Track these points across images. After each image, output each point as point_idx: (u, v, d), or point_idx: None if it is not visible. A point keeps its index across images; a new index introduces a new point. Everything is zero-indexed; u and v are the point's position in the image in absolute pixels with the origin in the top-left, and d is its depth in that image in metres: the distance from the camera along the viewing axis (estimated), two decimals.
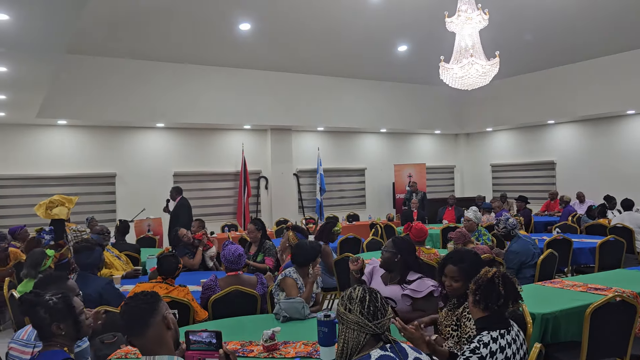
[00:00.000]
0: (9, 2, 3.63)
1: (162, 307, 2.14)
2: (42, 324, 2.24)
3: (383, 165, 13.51)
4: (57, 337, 2.26)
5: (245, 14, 7.40)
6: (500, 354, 2.26)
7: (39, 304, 2.25)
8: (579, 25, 8.44)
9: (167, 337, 2.10)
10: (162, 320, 2.10)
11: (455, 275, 2.89)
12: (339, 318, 2.01)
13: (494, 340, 2.29)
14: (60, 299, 2.30)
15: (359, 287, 2.03)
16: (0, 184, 9.36)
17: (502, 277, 2.42)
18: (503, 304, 2.36)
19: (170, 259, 3.95)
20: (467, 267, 2.86)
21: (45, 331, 2.25)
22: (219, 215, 11.25)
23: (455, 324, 2.82)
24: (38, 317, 2.24)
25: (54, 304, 2.26)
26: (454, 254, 3.04)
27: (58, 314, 2.26)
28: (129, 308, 2.10)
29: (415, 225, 5.30)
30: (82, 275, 4.05)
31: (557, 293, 3.99)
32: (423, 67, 10.83)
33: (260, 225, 5.85)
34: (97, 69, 9.17)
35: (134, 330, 2.06)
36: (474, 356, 2.25)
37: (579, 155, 12.08)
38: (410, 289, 3.45)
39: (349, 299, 2.00)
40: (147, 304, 2.10)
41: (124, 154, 10.40)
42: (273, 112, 11.04)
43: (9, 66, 5.42)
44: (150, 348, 2.05)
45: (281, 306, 3.43)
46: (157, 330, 2.07)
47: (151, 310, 2.08)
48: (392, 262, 3.57)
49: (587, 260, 6.52)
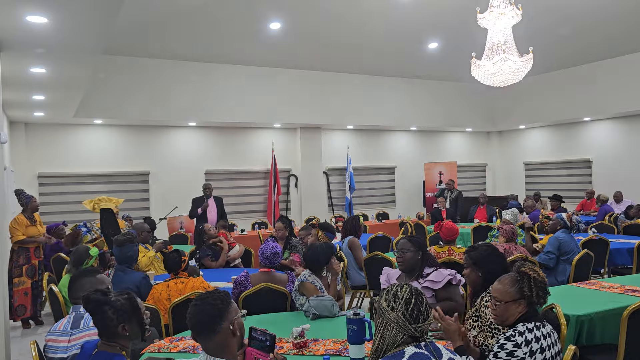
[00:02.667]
0: (47, 6, 3.74)
1: (231, 312, 2.08)
2: (109, 324, 2.20)
3: (413, 164, 13.40)
4: (120, 339, 2.23)
5: (275, 12, 7.44)
6: (536, 343, 2.25)
7: (106, 303, 2.21)
8: (616, 18, 8.18)
9: (232, 343, 2.06)
10: (229, 327, 2.05)
11: (465, 263, 3.02)
12: (380, 313, 1.98)
13: (530, 331, 2.29)
14: (127, 299, 2.27)
15: (406, 287, 1.99)
16: (40, 181, 9.68)
17: (521, 267, 2.51)
18: (539, 293, 2.41)
19: (172, 256, 4.05)
20: (475, 254, 3.00)
21: (110, 331, 2.21)
22: (249, 213, 11.37)
23: (475, 314, 2.86)
24: (106, 317, 2.20)
25: (121, 305, 2.23)
26: (471, 246, 3.15)
27: (125, 314, 2.22)
28: (199, 309, 2.05)
29: (446, 225, 5.25)
30: (119, 269, 4.17)
31: (593, 294, 3.89)
32: (454, 64, 10.69)
33: (288, 223, 5.92)
34: (131, 69, 9.39)
35: (201, 333, 2.03)
36: (509, 343, 2.26)
37: (617, 153, 11.72)
38: (428, 280, 3.46)
39: (394, 297, 1.96)
40: (217, 308, 2.04)
41: (158, 152, 10.61)
42: (303, 111, 11.08)
43: (48, 67, 5.59)
44: (213, 350, 2.03)
45: (311, 304, 3.45)
46: (223, 336, 2.03)
47: (220, 315, 2.04)
48: (415, 261, 3.55)
49: (625, 261, 6.32)
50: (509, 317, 2.42)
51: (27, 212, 6.20)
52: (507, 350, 2.25)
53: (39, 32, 4.33)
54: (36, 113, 8.49)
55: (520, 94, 12.29)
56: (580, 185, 12.44)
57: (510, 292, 2.42)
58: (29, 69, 5.56)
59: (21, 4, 3.66)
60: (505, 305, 2.41)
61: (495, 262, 3.01)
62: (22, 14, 3.87)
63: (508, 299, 2.41)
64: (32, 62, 5.36)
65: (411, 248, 3.57)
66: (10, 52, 4.88)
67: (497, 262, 3.02)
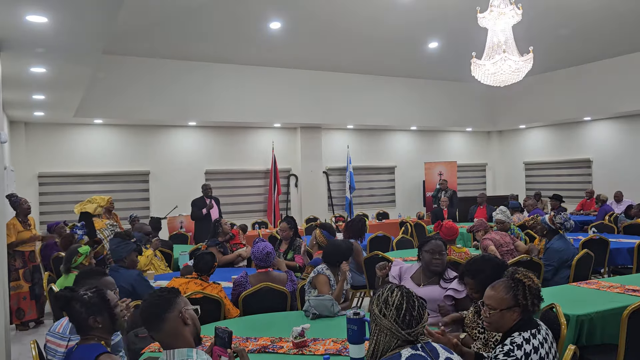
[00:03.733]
0: (47, 5, 3.74)
1: (179, 303, 2.16)
2: (79, 318, 2.30)
3: (413, 164, 13.41)
4: (94, 331, 2.31)
5: (275, 12, 7.44)
6: (535, 354, 2.22)
7: (73, 298, 2.32)
8: (616, 18, 8.18)
9: (184, 332, 2.12)
10: (178, 315, 2.12)
11: (473, 288, 2.91)
12: (372, 318, 1.96)
13: (527, 341, 2.25)
14: (95, 293, 2.36)
15: (397, 292, 1.94)
16: (40, 181, 9.68)
17: (515, 273, 2.45)
18: (533, 301, 2.36)
19: (207, 257, 4.01)
20: (484, 279, 2.80)
21: (83, 325, 2.31)
22: (249, 213, 11.37)
23: (481, 326, 2.79)
24: (75, 311, 2.30)
25: (89, 298, 2.32)
26: (472, 265, 2.99)
27: (94, 307, 2.31)
28: (146, 302, 2.16)
29: (446, 224, 5.25)
30: (113, 269, 4.17)
31: (593, 294, 3.89)
32: (454, 64, 10.69)
33: (293, 223, 5.85)
34: (131, 69, 9.39)
35: (151, 324, 2.12)
36: (509, 359, 2.20)
37: (617, 153, 11.72)
38: (452, 288, 3.44)
39: (385, 303, 1.92)
40: (163, 298, 2.15)
41: (158, 152, 10.61)
42: (303, 110, 11.08)
43: (48, 67, 5.59)
44: (168, 342, 2.10)
45: (311, 303, 3.45)
46: (172, 324, 2.10)
47: (166, 305, 2.13)
48: (446, 263, 3.56)
49: (625, 261, 6.32)
50: (504, 324, 2.37)
51: (20, 216, 6.12)
52: None
53: (39, 32, 4.32)
54: (36, 113, 8.49)
55: (520, 93, 12.29)
56: (581, 185, 12.44)
57: (505, 299, 2.36)
58: (29, 68, 5.56)
59: (21, 3, 3.66)
60: (500, 314, 2.36)
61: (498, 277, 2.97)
62: (22, 13, 3.86)
63: (503, 306, 2.35)
64: (32, 62, 5.35)
65: (444, 250, 3.61)
66: (10, 51, 4.87)
67: (489, 265, 2.97)
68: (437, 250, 3.56)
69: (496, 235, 5.62)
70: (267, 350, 2.88)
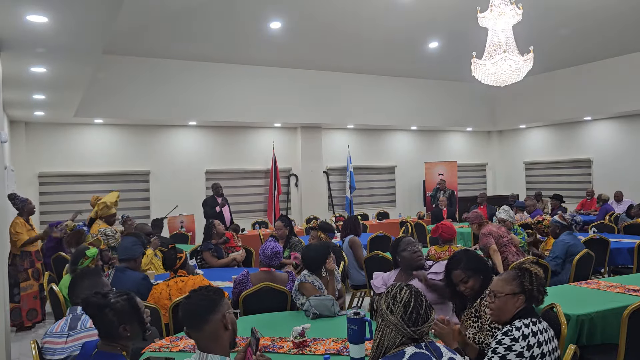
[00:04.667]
0: (48, 5, 3.74)
1: (223, 306, 2.12)
2: (111, 326, 2.23)
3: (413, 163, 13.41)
4: (121, 340, 2.25)
5: (276, 12, 7.44)
6: (533, 337, 2.27)
7: (107, 305, 2.24)
8: (616, 18, 8.18)
9: (223, 336, 2.09)
10: (221, 319, 2.09)
11: (462, 277, 2.95)
12: (379, 314, 1.98)
13: (526, 326, 2.31)
14: (126, 300, 2.29)
15: (405, 289, 1.98)
16: (41, 181, 9.68)
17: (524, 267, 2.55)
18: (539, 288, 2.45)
19: (169, 253, 4.07)
20: (467, 263, 2.96)
21: (111, 333, 2.24)
22: (249, 213, 11.37)
23: (474, 315, 2.87)
24: (107, 319, 2.23)
25: (121, 306, 2.25)
26: (449, 261, 3.10)
27: (125, 315, 2.25)
28: (191, 300, 2.11)
29: (444, 225, 5.25)
30: (118, 270, 4.16)
31: (593, 294, 3.89)
32: (454, 64, 10.69)
33: (288, 222, 5.96)
34: (131, 68, 9.39)
35: (192, 323, 2.07)
36: (506, 338, 2.27)
37: (617, 153, 11.71)
38: (431, 272, 3.50)
39: (393, 300, 1.95)
40: (209, 299, 2.10)
41: (158, 151, 10.61)
42: (303, 110, 11.08)
43: (48, 67, 5.59)
44: (205, 344, 2.06)
45: (311, 303, 3.45)
46: (214, 327, 2.06)
47: (212, 306, 2.08)
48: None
49: (625, 261, 6.32)
50: (507, 311, 2.43)
51: (24, 216, 6.12)
52: (505, 345, 2.26)
53: (40, 32, 4.32)
54: (36, 112, 8.49)
55: (520, 93, 12.28)
56: (581, 185, 12.43)
57: (510, 285, 2.46)
58: (30, 68, 5.56)
59: (21, 3, 3.66)
60: (505, 298, 2.43)
61: (483, 261, 3.09)
62: (22, 13, 3.86)
63: (508, 291, 2.44)
64: (32, 62, 5.35)
65: (417, 242, 3.74)
66: (11, 51, 4.87)
67: (483, 260, 3.12)
68: (413, 244, 3.65)
69: (493, 227, 5.61)
70: (267, 350, 2.88)
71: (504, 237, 5.50)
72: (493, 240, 5.42)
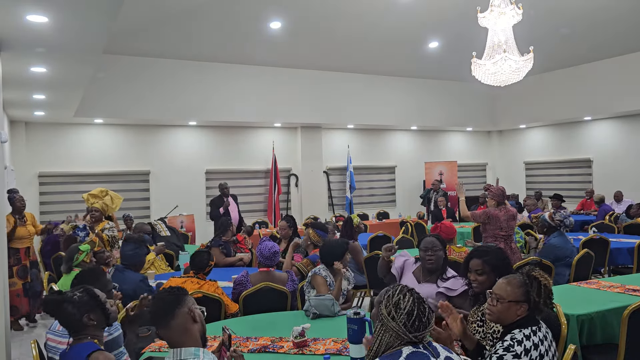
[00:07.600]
0: (48, 5, 3.74)
1: (188, 301, 2.16)
2: (72, 319, 2.31)
3: (413, 163, 13.41)
4: (88, 329, 2.33)
5: (276, 12, 7.44)
6: (535, 351, 2.22)
7: (64, 300, 2.32)
8: (617, 17, 8.18)
9: (193, 329, 2.11)
10: (188, 313, 2.11)
11: (479, 268, 2.90)
12: (380, 319, 1.94)
13: (527, 338, 2.26)
14: (83, 292, 2.38)
15: (408, 296, 1.93)
16: (41, 181, 9.68)
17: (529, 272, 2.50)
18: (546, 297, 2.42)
19: (202, 255, 4.02)
20: (490, 259, 2.88)
21: (76, 325, 2.32)
22: (249, 213, 11.36)
23: (480, 319, 2.81)
24: (67, 313, 2.31)
25: (79, 297, 2.34)
26: (478, 249, 3.05)
27: (85, 305, 2.33)
28: (156, 300, 2.16)
29: (444, 224, 5.24)
30: (118, 269, 4.16)
31: (593, 294, 3.90)
32: (454, 64, 10.69)
33: (292, 222, 5.87)
34: (131, 68, 9.39)
35: (159, 321, 2.09)
36: (509, 354, 2.21)
37: (617, 153, 11.71)
38: (445, 287, 3.42)
39: (396, 307, 1.91)
40: (173, 294, 2.14)
41: (158, 151, 10.61)
42: (303, 110, 11.08)
43: (49, 67, 5.59)
44: (175, 340, 2.07)
45: (311, 303, 3.45)
46: (181, 321, 2.09)
47: (176, 301, 2.12)
48: (442, 261, 3.54)
49: (625, 261, 6.33)
50: (507, 317, 2.36)
51: (15, 214, 6.11)
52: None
53: (40, 32, 4.32)
54: (36, 112, 8.49)
55: (520, 93, 12.28)
56: (581, 185, 12.44)
57: (516, 292, 2.36)
58: (30, 68, 5.56)
59: (21, 3, 3.66)
60: (508, 305, 2.35)
61: (509, 265, 2.96)
62: (22, 13, 3.86)
63: (512, 298, 2.35)
64: (32, 62, 5.35)
65: (440, 247, 3.55)
66: (11, 51, 4.87)
67: (509, 264, 2.98)
68: (429, 247, 3.54)
69: (502, 216, 5.51)
70: (267, 350, 2.88)
71: (504, 227, 5.41)
72: (486, 218, 5.35)
